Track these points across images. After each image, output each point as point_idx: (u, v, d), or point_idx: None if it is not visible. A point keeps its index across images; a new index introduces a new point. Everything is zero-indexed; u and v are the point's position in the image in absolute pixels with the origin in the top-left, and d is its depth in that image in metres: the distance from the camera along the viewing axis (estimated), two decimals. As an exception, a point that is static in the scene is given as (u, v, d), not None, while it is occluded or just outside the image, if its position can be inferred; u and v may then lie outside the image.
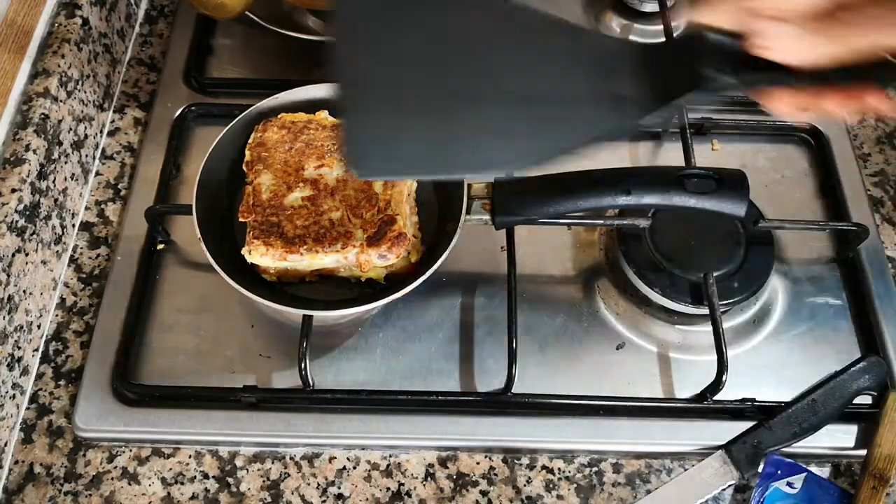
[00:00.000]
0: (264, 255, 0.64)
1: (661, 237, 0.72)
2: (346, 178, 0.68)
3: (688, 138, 0.79)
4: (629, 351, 0.71)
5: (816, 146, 0.84)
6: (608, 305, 0.74)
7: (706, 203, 0.65)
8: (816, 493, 0.63)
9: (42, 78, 0.72)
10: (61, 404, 0.68)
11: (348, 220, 0.66)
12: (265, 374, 0.69)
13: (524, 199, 0.67)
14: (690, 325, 0.73)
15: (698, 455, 0.67)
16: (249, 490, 0.65)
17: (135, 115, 0.84)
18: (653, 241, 0.72)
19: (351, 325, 0.71)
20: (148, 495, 0.64)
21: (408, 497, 0.65)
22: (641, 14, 0.92)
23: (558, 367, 0.70)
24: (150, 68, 0.88)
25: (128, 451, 0.66)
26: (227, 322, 0.71)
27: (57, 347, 0.70)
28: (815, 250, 0.77)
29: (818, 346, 0.72)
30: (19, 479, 0.65)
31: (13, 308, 0.65)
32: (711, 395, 0.67)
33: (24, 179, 0.67)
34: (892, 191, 0.83)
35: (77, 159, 0.76)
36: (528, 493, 0.65)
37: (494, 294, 0.73)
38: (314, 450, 0.67)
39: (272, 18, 0.82)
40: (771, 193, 0.81)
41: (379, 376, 0.69)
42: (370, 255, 0.64)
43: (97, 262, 0.75)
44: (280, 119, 0.71)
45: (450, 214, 0.69)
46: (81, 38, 0.77)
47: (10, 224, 0.65)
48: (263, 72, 0.87)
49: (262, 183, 0.67)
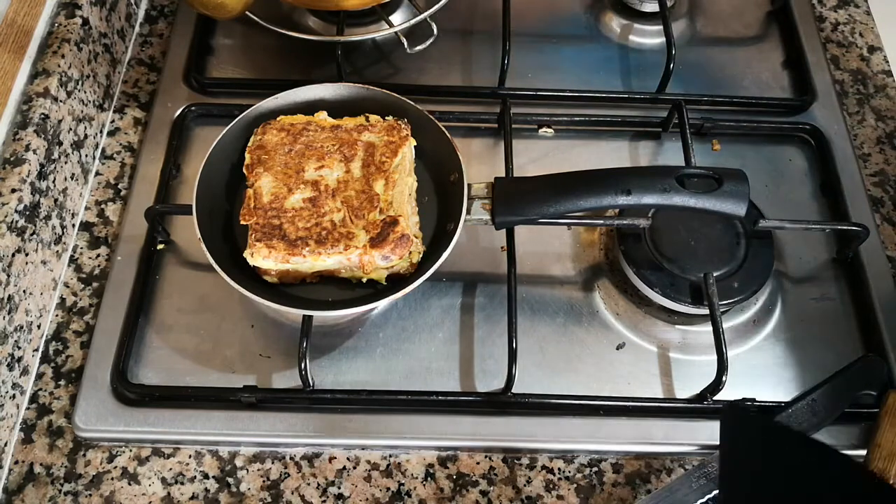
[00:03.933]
0: (266, 257, 0.64)
1: (661, 237, 0.72)
2: (347, 179, 0.68)
3: (688, 138, 0.79)
4: (629, 351, 0.72)
5: (816, 146, 0.84)
6: (608, 305, 0.74)
7: (706, 203, 0.65)
8: (816, 494, 0.62)
9: (42, 78, 0.72)
10: (61, 404, 0.68)
11: (350, 221, 0.66)
12: (265, 374, 0.69)
13: (524, 199, 0.67)
14: (690, 325, 0.73)
15: (698, 455, 0.67)
16: (249, 490, 0.65)
17: (135, 115, 0.84)
18: (653, 241, 0.72)
19: (351, 325, 0.72)
20: (148, 495, 0.64)
21: (408, 497, 0.65)
22: (641, 14, 0.92)
23: (558, 367, 0.70)
24: (150, 68, 0.88)
25: (128, 451, 0.66)
26: (227, 322, 0.71)
27: (57, 347, 0.71)
28: (815, 250, 0.77)
29: (818, 346, 0.72)
30: (19, 479, 0.65)
31: (13, 308, 0.65)
32: (711, 395, 0.67)
33: (24, 179, 0.67)
34: (892, 191, 0.83)
35: (77, 159, 0.76)
36: (528, 493, 0.66)
37: (494, 294, 0.73)
38: (314, 450, 0.67)
39: (272, 18, 0.82)
40: (771, 193, 0.81)
41: (379, 376, 0.69)
42: (373, 256, 0.64)
43: (97, 262, 0.75)
44: (279, 121, 0.71)
45: (450, 214, 0.69)
46: (81, 38, 0.77)
47: (10, 224, 0.65)
48: (263, 72, 0.87)
49: (262, 185, 0.67)
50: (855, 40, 0.94)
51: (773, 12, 0.95)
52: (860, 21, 0.95)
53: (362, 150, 0.69)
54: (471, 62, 0.89)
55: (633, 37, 0.92)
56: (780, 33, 0.93)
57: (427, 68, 0.87)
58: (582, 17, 0.94)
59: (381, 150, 0.69)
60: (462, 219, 0.67)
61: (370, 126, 0.71)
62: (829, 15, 0.96)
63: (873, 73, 0.91)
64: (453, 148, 0.71)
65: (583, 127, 0.84)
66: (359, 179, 0.68)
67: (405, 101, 0.73)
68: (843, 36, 0.94)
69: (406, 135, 0.71)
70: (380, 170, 0.68)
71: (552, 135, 0.84)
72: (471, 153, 0.81)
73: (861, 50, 0.93)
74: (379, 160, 0.68)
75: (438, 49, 0.85)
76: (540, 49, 0.90)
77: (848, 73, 0.91)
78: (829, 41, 0.93)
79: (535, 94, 0.84)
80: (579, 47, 0.91)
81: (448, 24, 0.89)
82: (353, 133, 0.70)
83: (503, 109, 0.81)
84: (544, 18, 0.93)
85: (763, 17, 0.95)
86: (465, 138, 0.82)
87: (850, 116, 0.87)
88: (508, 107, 0.80)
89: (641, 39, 0.92)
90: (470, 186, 0.69)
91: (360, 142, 0.70)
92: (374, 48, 0.89)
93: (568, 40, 0.91)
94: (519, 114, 0.82)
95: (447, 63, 0.88)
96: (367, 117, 0.72)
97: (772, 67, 0.91)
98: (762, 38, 0.93)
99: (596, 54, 0.91)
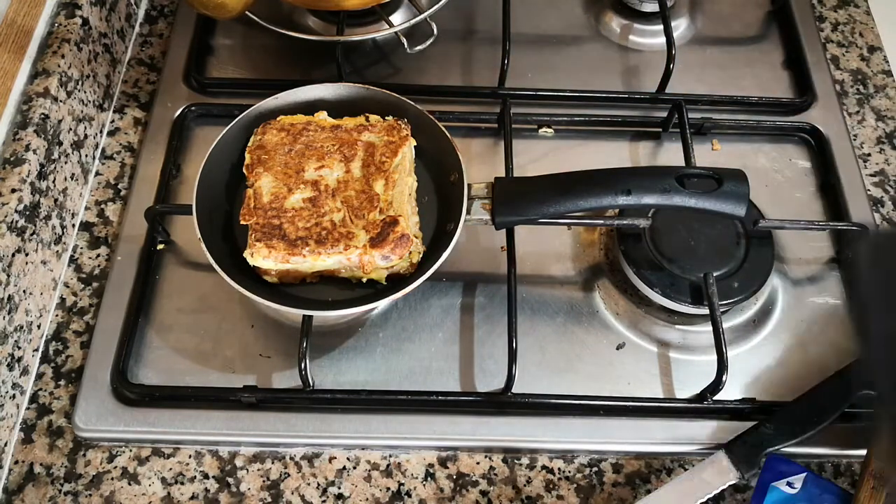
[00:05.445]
0: (266, 257, 0.64)
1: (661, 237, 0.72)
2: (347, 179, 0.68)
3: (688, 138, 0.79)
4: (629, 351, 0.72)
5: (816, 146, 0.84)
6: (608, 305, 0.74)
7: (706, 203, 0.65)
8: (816, 494, 0.62)
9: (42, 78, 0.72)
10: (61, 404, 0.68)
11: (350, 221, 0.66)
12: (265, 374, 0.69)
13: (524, 199, 0.67)
14: (690, 325, 0.73)
15: (698, 455, 0.67)
16: (249, 490, 0.65)
17: (135, 115, 0.84)
18: (653, 241, 0.72)
19: (351, 325, 0.72)
20: (148, 495, 0.64)
21: (408, 497, 0.65)
22: (641, 14, 0.92)
23: (558, 367, 0.70)
24: (150, 68, 0.88)
25: (128, 451, 0.66)
26: (227, 322, 0.71)
27: (57, 347, 0.71)
28: (815, 250, 0.77)
29: (818, 346, 0.72)
30: (19, 479, 0.65)
31: (13, 308, 0.65)
32: (711, 395, 0.67)
33: (24, 179, 0.67)
34: (892, 191, 0.83)
35: (77, 159, 0.76)
36: (528, 493, 0.65)
37: (494, 294, 0.73)
38: (314, 450, 0.67)
39: (272, 18, 0.82)
40: (771, 193, 0.81)
41: (379, 376, 0.69)
42: (373, 256, 0.64)
43: (97, 262, 0.75)
44: (279, 121, 0.71)
45: (450, 214, 0.69)
46: (81, 38, 0.77)
47: (10, 224, 0.65)
48: (263, 72, 0.87)
49: (262, 185, 0.67)
50: (855, 40, 0.94)
51: (773, 12, 0.95)
52: (860, 21, 0.95)
53: (362, 150, 0.69)
54: (471, 62, 0.89)
55: (633, 37, 0.92)
56: (780, 33, 0.93)
57: (427, 68, 0.87)
58: (582, 17, 0.94)
59: (381, 150, 0.69)
60: (462, 219, 0.67)
61: (370, 126, 0.71)
62: (829, 15, 0.96)
63: (873, 73, 0.91)
64: (453, 148, 0.71)
65: (583, 127, 0.84)
66: (359, 179, 0.68)
67: (405, 101, 0.73)
68: (843, 36, 0.94)
69: (406, 135, 0.71)
70: (380, 170, 0.68)
71: (552, 135, 0.84)
72: (471, 153, 0.81)
73: (861, 50, 0.93)
74: (379, 160, 0.68)
75: (438, 49, 0.85)
76: (540, 49, 0.90)
77: (848, 73, 0.91)
78: (829, 41, 0.93)
79: (535, 94, 0.84)
80: (579, 47, 0.91)
81: (448, 24, 0.89)
82: (353, 133, 0.70)
83: (503, 109, 0.81)
84: (544, 18, 0.93)
85: (763, 17, 0.95)
86: (465, 138, 0.82)
87: (850, 116, 0.87)
88: (508, 107, 0.80)
89: (641, 39, 0.92)
90: (470, 186, 0.69)
91: (360, 142, 0.70)
92: (374, 48, 0.89)
93: (568, 40, 0.91)
94: (519, 114, 0.82)
95: (447, 63, 0.88)
96: (367, 117, 0.73)
97: (772, 67, 0.91)
98: (762, 38, 0.93)
99: (596, 54, 0.91)
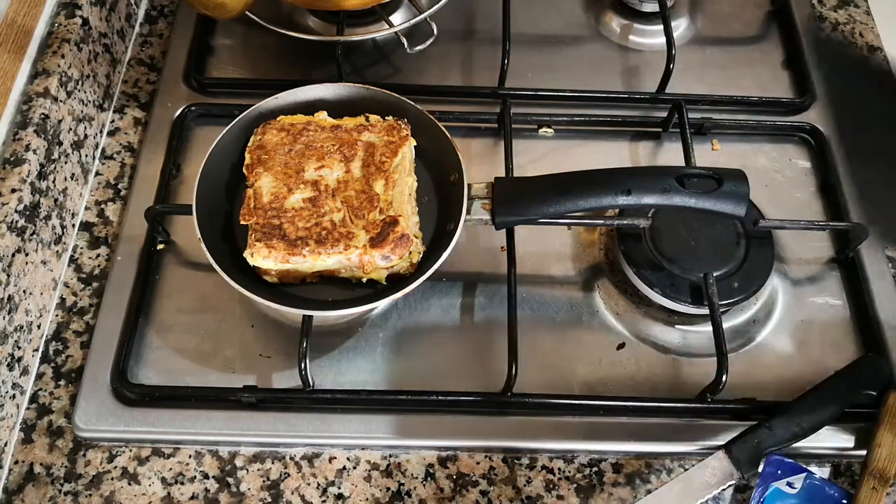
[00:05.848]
0: (266, 257, 0.64)
1: (661, 237, 0.72)
2: (347, 179, 0.68)
3: (688, 138, 0.79)
4: (629, 351, 0.71)
5: (816, 146, 0.84)
6: (608, 305, 0.74)
7: (706, 203, 0.65)
8: (816, 493, 0.62)
9: (42, 78, 0.72)
10: (61, 404, 0.68)
11: (350, 221, 0.66)
12: (265, 374, 0.69)
13: (524, 199, 0.67)
14: (690, 325, 0.73)
15: (698, 455, 0.67)
16: (249, 490, 0.65)
17: (135, 115, 0.84)
18: (653, 241, 0.72)
19: (351, 325, 0.72)
20: (148, 495, 0.64)
21: (408, 497, 0.65)
22: (641, 14, 0.92)
23: (558, 367, 0.70)
24: (150, 68, 0.88)
25: (128, 451, 0.66)
26: (227, 322, 0.71)
27: (57, 347, 0.70)
28: (815, 250, 0.77)
29: (818, 346, 0.72)
30: (19, 479, 0.65)
31: (13, 308, 0.65)
32: (711, 395, 0.67)
33: (24, 179, 0.67)
34: (891, 191, 0.83)
35: (77, 159, 0.76)
36: (528, 493, 0.65)
37: (494, 294, 0.73)
38: (314, 450, 0.67)
39: (272, 18, 0.82)
40: (771, 193, 0.81)
41: (379, 376, 0.69)
42: (373, 256, 0.64)
43: (97, 262, 0.75)
44: (279, 121, 0.71)
45: (450, 214, 0.69)
46: (81, 38, 0.77)
47: (10, 224, 0.65)
48: (263, 72, 0.87)
49: (262, 185, 0.67)
50: (855, 40, 0.94)
51: (773, 12, 0.95)
52: (860, 21, 0.95)
53: (362, 150, 0.69)
54: (471, 62, 0.89)
55: (633, 37, 0.92)
56: (780, 33, 0.93)
57: (427, 68, 0.87)
58: (582, 17, 0.94)
59: (381, 150, 0.69)
60: (462, 219, 0.67)
61: (370, 126, 0.71)
62: (829, 15, 0.96)
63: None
64: (453, 148, 0.70)
65: (583, 127, 0.84)
66: (359, 179, 0.68)
67: (405, 101, 0.73)
68: (843, 36, 0.94)
69: (406, 135, 0.71)
70: (380, 170, 0.68)
71: (552, 135, 0.84)
72: (471, 153, 0.81)
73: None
74: (379, 160, 0.68)
75: (438, 49, 0.84)
76: (540, 49, 0.90)
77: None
78: (829, 41, 0.93)
79: (535, 94, 0.84)
80: (579, 47, 0.91)
81: (448, 24, 0.89)
82: (353, 133, 0.70)
83: (503, 109, 0.81)
84: (544, 18, 0.93)
85: (763, 17, 0.95)
86: (465, 138, 0.82)
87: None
88: (508, 107, 0.80)
89: (641, 39, 0.92)
90: (470, 186, 0.69)
91: (360, 142, 0.70)
92: (374, 48, 0.89)
93: (568, 40, 0.91)
94: (519, 114, 0.82)
95: (447, 63, 0.88)
96: (367, 117, 0.73)
97: (772, 67, 0.91)
98: (762, 38, 0.93)
99: (596, 54, 0.91)
